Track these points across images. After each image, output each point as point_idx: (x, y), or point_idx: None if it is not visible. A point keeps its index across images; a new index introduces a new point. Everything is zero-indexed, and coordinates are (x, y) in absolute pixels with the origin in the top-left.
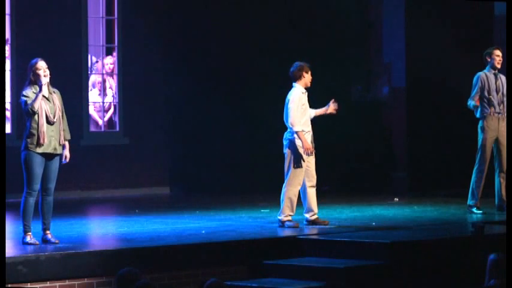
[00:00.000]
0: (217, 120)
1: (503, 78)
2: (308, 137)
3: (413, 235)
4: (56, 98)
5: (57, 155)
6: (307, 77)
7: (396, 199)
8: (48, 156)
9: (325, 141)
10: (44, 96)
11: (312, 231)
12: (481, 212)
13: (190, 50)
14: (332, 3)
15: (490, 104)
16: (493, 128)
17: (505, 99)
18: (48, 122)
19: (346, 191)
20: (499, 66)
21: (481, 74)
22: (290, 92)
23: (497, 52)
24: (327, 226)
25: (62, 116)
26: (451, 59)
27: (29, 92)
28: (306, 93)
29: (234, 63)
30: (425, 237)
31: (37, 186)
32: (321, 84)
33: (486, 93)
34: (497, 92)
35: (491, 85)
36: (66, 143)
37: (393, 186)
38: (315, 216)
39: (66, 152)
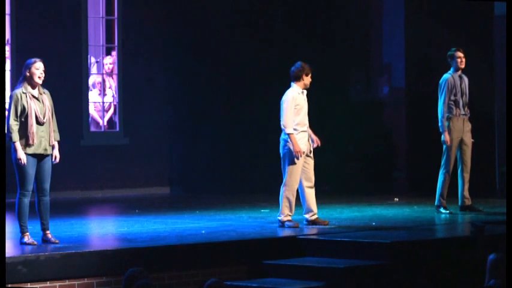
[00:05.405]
0: (217, 120)
1: (466, 80)
2: (304, 136)
3: (413, 235)
4: (46, 98)
5: (48, 155)
6: (306, 79)
7: (396, 199)
8: (39, 157)
9: (325, 141)
10: (34, 96)
11: (312, 231)
12: (447, 212)
13: (190, 50)
14: (332, 3)
15: (456, 105)
16: (458, 129)
17: (466, 99)
18: (38, 123)
19: (346, 191)
20: (462, 66)
21: (448, 77)
22: (286, 92)
23: (459, 54)
24: (327, 226)
25: (52, 116)
26: None
27: (19, 97)
28: (305, 92)
29: (234, 63)
30: (425, 237)
31: (31, 186)
32: (321, 84)
33: (453, 96)
34: (461, 94)
35: (457, 87)
36: (56, 144)
37: (393, 186)
38: (315, 216)
39: (56, 152)
